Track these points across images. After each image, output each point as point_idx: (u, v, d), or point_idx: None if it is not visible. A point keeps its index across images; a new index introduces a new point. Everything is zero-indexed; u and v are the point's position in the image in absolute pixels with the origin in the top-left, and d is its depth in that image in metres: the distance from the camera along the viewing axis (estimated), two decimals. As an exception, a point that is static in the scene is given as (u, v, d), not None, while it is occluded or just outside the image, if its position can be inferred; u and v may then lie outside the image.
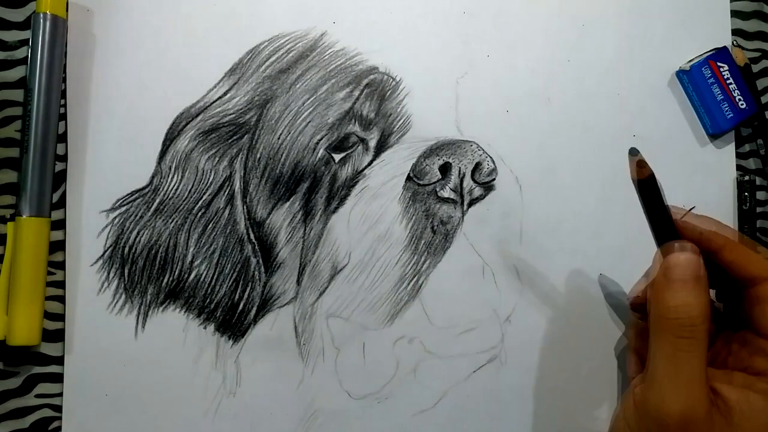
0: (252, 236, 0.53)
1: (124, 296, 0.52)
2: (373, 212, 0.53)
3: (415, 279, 0.54)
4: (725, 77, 0.58)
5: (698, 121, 0.59)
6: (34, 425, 0.51)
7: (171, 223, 0.52)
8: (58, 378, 0.51)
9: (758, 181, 0.60)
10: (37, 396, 0.51)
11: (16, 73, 0.52)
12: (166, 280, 0.52)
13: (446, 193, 0.54)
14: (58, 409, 0.51)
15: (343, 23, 0.55)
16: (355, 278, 0.53)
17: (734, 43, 0.60)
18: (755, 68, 0.60)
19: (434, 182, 0.53)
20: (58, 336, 0.51)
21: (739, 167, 0.60)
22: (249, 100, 0.53)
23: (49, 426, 0.51)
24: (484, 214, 0.55)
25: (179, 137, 0.52)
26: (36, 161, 0.50)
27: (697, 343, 0.43)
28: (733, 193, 0.60)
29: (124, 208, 0.52)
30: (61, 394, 0.51)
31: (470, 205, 0.55)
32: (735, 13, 0.61)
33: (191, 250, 0.52)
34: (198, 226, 0.52)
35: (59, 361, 0.51)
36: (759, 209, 0.60)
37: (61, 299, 0.52)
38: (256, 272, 0.53)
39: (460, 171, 0.54)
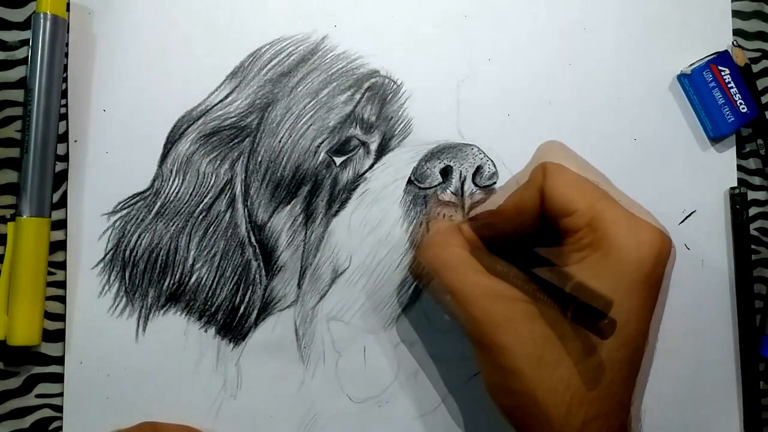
0: (253, 239, 0.53)
1: (125, 299, 0.52)
2: (374, 216, 0.53)
3: (416, 283, 0.54)
4: (726, 81, 0.58)
5: (699, 125, 0.59)
6: (34, 425, 0.51)
7: (172, 226, 0.52)
8: (58, 378, 0.51)
9: (758, 181, 0.60)
10: (38, 396, 0.51)
11: (16, 73, 0.52)
12: (167, 283, 0.52)
13: (447, 196, 0.53)
14: (58, 409, 0.51)
15: (345, 27, 0.54)
16: (356, 282, 0.53)
17: (734, 43, 0.60)
18: (755, 68, 0.60)
19: (435, 186, 0.53)
20: (58, 336, 0.51)
21: (740, 167, 0.60)
22: (250, 103, 0.53)
23: (49, 426, 0.51)
24: (484, 218, 0.55)
25: (180, 140, 0.52)
26: (36, 161, 0.50)
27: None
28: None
29: (125, 211, 0.52)
30: (61, 394, 0.51)
31: (471, 208, 0.54)
32: (735, 13, 0.61)
33: (192, 253, 0.52)
34: (199, 229, 0.52)
35: (59, 361, 0.51)
36: (758, 210, 0.60)
37: (62, 299, 0.52)
38: (257, 275, 0.53)
39: (461, 174, 0.54)
